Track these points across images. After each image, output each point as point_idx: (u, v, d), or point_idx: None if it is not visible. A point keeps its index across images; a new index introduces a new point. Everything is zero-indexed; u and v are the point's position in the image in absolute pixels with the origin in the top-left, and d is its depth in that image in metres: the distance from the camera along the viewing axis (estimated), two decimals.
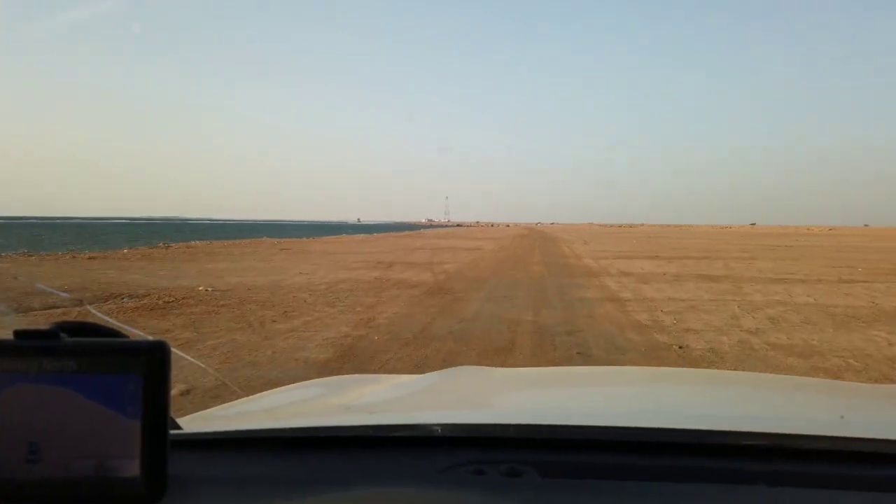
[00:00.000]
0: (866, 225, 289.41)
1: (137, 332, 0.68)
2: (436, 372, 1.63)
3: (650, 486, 0.70)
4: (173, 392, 0.61)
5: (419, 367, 4.71)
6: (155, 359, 0.55)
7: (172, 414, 0.65)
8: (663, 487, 0.70)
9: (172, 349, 0.57)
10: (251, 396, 1.46)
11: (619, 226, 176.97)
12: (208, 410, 1.31)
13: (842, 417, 1.06)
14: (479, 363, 3.92)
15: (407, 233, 54.96)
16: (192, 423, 1.04)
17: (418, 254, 20.52)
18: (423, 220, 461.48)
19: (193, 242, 26.66)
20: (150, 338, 0.59)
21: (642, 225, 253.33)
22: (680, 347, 5.72)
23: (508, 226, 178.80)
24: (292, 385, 1.63)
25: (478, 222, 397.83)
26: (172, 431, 0.62)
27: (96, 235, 42.63)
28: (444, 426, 0.80)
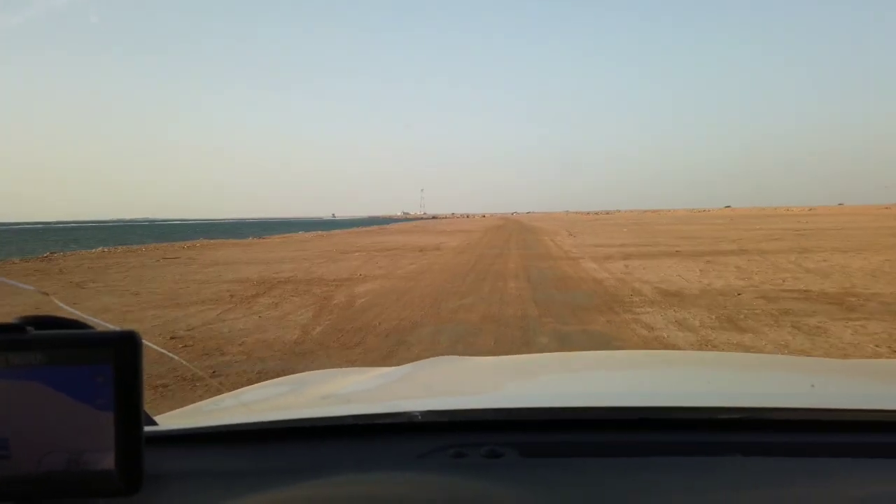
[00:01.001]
0: (841, 204, 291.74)
1: (105, 324, 0.64)
2: (415, 362, 1.59)
3: (629, 462, 0.71)
4: None
5: None
6: (125, 349, 0.54)
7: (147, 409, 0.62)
8: (642, 462, 0.71)
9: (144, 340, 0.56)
10: (231, 392, 1.39)
11: (596, 213, 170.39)
12: (187, 408, 1.24)
13: (812, 386, 1.07)
14: None
15: (371, 228, 49.05)
16: (170, 420, 1.01)
17: (346, 260, 14.52)
18: (399, 214, 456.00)
19: (96, 250, 21.31)
20: (119, 328, 0.56)
21: (618, 211, 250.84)
22: None
23: (484, 216, 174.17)
24: (272, 380, 1.64)
25: (453, 214, 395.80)
26: (149, 428, 0.62)
27: (33, 241, 37.84)
28: (425, 412, 0.79)
